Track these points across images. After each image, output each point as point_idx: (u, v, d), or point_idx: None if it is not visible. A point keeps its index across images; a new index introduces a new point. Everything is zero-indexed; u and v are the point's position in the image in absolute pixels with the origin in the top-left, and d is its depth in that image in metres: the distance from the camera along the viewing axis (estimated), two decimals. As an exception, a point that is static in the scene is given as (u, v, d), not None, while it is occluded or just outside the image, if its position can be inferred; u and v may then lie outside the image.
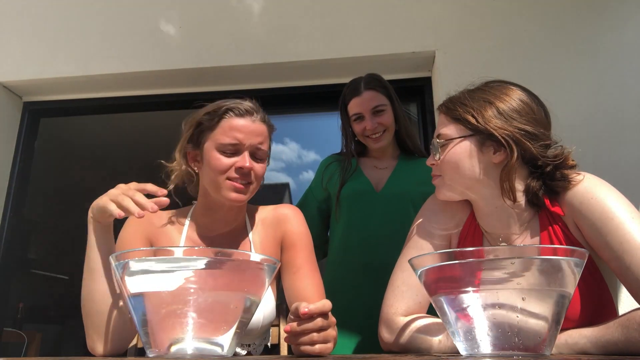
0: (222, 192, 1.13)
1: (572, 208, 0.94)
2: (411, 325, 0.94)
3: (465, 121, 0.99)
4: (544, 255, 0.65)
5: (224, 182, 1.12)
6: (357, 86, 1.72)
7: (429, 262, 0.70)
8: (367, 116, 1.68)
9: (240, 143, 1.13)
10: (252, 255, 0.75)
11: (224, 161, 1.12)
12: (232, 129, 1.13)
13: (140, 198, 0.90)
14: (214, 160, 1.12)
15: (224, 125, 1.14)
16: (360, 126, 1.71)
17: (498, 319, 0.64)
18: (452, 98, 1.05)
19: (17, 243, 2.69)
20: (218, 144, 1.13)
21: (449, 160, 1.01)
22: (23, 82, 2.66)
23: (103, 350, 0.97)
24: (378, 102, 1.69)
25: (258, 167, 1.15)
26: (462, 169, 0.99)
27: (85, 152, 4.49)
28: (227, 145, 1.12)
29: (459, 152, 0.99)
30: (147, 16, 2.62)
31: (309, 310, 0.74)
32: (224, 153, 1.12)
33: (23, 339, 3.44)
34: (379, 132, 1.69)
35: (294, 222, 1.23)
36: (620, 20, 2.31)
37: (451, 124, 1.02)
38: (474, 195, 1.02)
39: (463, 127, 1.00)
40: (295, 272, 1.16)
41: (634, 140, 2.14)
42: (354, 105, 1.71)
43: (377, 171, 1.74)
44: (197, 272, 0.68)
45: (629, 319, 0.77)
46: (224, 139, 1.12)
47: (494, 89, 1.01)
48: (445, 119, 1.04)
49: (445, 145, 1.01)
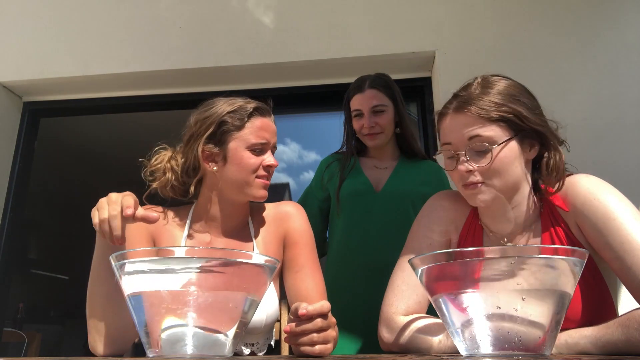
0: (251, 190, 1.16)
1: (574, 208, 0.95)
2: (411, 325, 0.94)
3: (509, 121, 0.94)
4: (544, 255, 0.65)
5: (254, 181, 1.16)
6: (361, 83, 1.73)
7: (429, 261, 0.70)
8: (366, 114, 1.69)
9: (267, 142, 1.18)
10: (253, 255, 0.75)
11: (255, 160, 1.16)
12: (261, 129, 1.17)
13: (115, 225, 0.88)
14: (246, 159, 1.15)
15: (254, 125, 1.16)
16: (358, 123, 1.72)
17: (498, 319, 0.64)
18: (475, 96, 0.96)
19: (17, 243, 2.69)
20: (249, 144, 1.15)
21: (500, 166, 0.94)
22: (23, 82, 2.67)
23: (104, 351, 0.97)
24: (379, 102, 1.69)
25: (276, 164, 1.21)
26: (511, 171, 0.95)
27: (85, 152, 4.49)
28: (257, 145, 1.16)
29: (509, 155, 0.94)
30: (147, 16, 2.62)
31: (308, 312, 0.74)
32: (253, 152, 1.16)
33: (23, 339, 3.44)
34: (375, 132, 1.69)
35: (296, 219, 1.23)
36: (620, 20, 2.31)
37: (492, 125, 0.94)
38: (506, 195, 0.98)
39: (507, 127, 0.94)
40: (297, 272, 1.16)
41: (633, 140, 2.14)
42: (355, 101, 1.72)
43: (377, 171, 1.74)
44: (197, 272, 0.68)
45: (629, 318, 0.77)
46: (255, 139, 1.15)
47: (508, 86, 0.98)
48: (479, 119, 0.94)
49: (490, 150, 0.93)
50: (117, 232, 0.88)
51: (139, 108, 2.86)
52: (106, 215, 0.89)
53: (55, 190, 4.57)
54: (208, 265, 0.69)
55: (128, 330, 0.98)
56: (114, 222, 0.88)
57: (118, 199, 0.91)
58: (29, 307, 4.23)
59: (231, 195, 1.18)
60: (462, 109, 0.96)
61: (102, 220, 0.89)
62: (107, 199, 0.92)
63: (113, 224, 0.88)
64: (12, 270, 2.66)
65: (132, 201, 0.90)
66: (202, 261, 0.69)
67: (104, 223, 0.89)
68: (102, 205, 0.91)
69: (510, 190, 0.97)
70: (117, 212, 0.89)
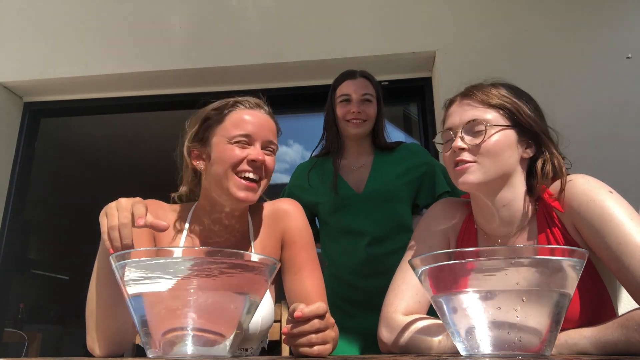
0: (230, 190, 1.07)
1: (570, 209, 0.95)
2: (411, 326, 0.94)
3: (508, 111, 0.97)
4: (545, 255, 0.65)
5: (232, 178, 1.06)
6: (353, 72, 1.77)
7: (429, 262, 0.70)
8: (356, 100, 1.70)
9: (251, 134, 1.08)
10: (253, 256, 0.74)
11: (236, 152, 1.07)
12: (242, 121, 1.09)
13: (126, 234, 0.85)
14: (226, 151, 1.07)
15: (234, 117, 1.10)
16: (345, 109, 1.71)
17: (498, 319, 0.64)
18: (483, 86, 1.02)
19: (17, 243, 2.70)
20: (229, 136, 1.08)
21: (492, 146, 0.96)
22: (23, 83, 2.67)
23: (103, 351, 0.97)
24: (368, 91, 1.72)
25: (270, 160, 1.11)
26: (502, 157, 0.96)
27: (85, 152, 4.49)
28: (238, 136, 1.08)
29: (503, 141, 0.96)
30: (147, 16, 2.62)
31: (303, 314, 0.74)
32: (236, 144, 1.08)
33: (24, 339, 3.44)
34: (361, 119, 1.70)
35: (294, 217, 1.18)
36: (620, 20, 2.31)
37: (492, 110, 0.98)
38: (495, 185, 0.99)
39: (506, 116, 0.98)
40: (296, 273, 1.14)
41: (633, 140, 2.14)
42: (345, 86, 1.73)
43: (354, 172, 1.73)
44: (197, 272, 0.68)
45: (629, 319, 0.77)
46: (234, 131, 1.08)
47: (517, 88, 1.03)
48: (481, 104, 0.99)
49: (485, 130, 0.96)
50: (128, 241, 0.85)
51: (139, 108, 2.86)
52: (116, 223, 0.86)
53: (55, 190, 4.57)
54: (208, 265, 0.69)
55: (127, 332, 0.98)
56: (125, 231, 0.85)
57: (128, 206, 0.87)
58: (30, 308, 4.23)
59: (215, 196, 1.12)
60: (468, 94, 1.01)
61: (111, 227, 0.86)
62: (116, 204, 0.89)
63: (123, 233, 0.85)
64: (12, 270, 2.66)
65: (144, 210, 0.88)
66: (202, 262, 0.69)
67: (113, 230, 0.85)
68: (112, 212, 0.87)
69: (499, 180, 0.97)
70: (129, 220, 0.86)
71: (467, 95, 1.01)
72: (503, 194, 0.99)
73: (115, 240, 0.85)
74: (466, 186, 0.98)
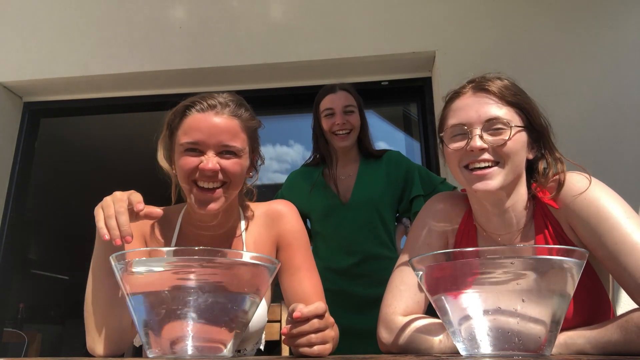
0: (191, 202, 1.04)
1: (565, 207, 0.94)
2: (411, 326, 0.94)
3: (524, 110, 0.95)
4: (544, 255, 0.65)
5: (192, 189, 1.02)
6: (332, 86, 1.86)
7: (429, 262, 0.70)
8: (339, 112, 1.78)
9: (199, 141, 1.01)
10: (253, 256, 0.75)
11: (187, 161, 1.01)
12: (191, 127, 1.02)
13: (124, 220, 0.85)
14: (180, 161, 1.03)
15: (185, 123, 1.04)
16: (330, 121, 1.79)
17: (498, 320, 0.64)
18: (494, 81, 0.96)
19: (17, 243, 2.70)
20: (179, 145, 1.03)
21: (514, 148, 0.91)
22: (23, 82, 2.67)
23: (102, 351, 0.97)
24: (349, 102, 1.80)
25: (230, 164, 1.02)
26: (519, 159, 0.94)
27: (85, 152, 4.49)
28: (187, 145, 1.01)
29: (521, 142, 0.92)
30: (147, 16, 2.62)
31: (302, 314, 0.74)
32: (187, 152, 1.02)
33: (23, 339, 3.44)
34: (347, 129, 1.78)
35: (289, 219, 1.17)
36: (620, 20, 2.31)
37: (510, 108, 0.94)
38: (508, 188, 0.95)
39: (521, 115, 0.94)
40: (293, 274, 1.13)
41: (633, 140, 2.14)
42: (327, 100, 1.82)
43: (342, 182, 1.82)
44: (197, 272, 0.68)
45: (627, 320, 0.77)
46: (183, 138, 1.02)
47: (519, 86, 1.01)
48: (499, 100, 0.93)
49: (508, 130, 0.91)
50: (126, 227, 0.85)
51: (139, 108, 2.86)
52: (113, 212, 0.86)
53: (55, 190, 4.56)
54: (209, 265, 0.69)
55: (126, 331, 0.98)
56: (122, 218, 0.85)
57: (124, 197, 0.89)
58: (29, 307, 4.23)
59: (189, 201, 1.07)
60: (482, 88, 0.95)
61: (108, 216, 0.86)
62: (112, 197, 0.90)
63: (121, 220, 0.85)
64: (12, 270, 2.66)
65: (140, 197, 0.89)
66: (203, 261, 0.69)
67: (110, 219, 0.85)
68: (108, 204, 0.88)
69: (512, 183, 0.95)
70: (125, 208, 0.87)
71: (481, 88, 0.95)
72: (511, 195, 0.98)
73: (113, 228, 0.85)
74: (486, 193, 0.92)
